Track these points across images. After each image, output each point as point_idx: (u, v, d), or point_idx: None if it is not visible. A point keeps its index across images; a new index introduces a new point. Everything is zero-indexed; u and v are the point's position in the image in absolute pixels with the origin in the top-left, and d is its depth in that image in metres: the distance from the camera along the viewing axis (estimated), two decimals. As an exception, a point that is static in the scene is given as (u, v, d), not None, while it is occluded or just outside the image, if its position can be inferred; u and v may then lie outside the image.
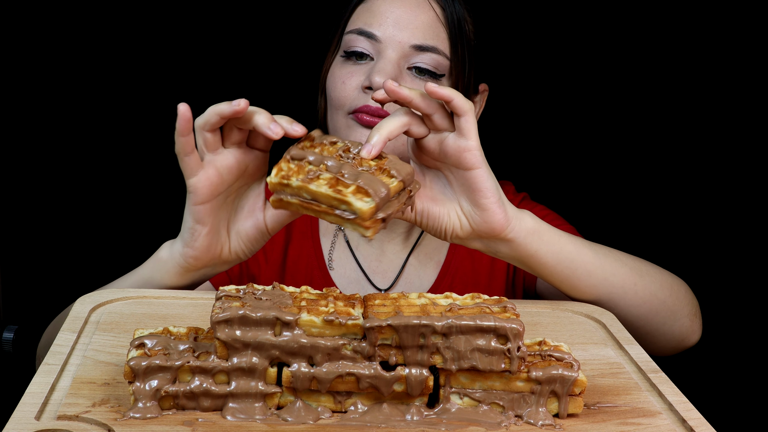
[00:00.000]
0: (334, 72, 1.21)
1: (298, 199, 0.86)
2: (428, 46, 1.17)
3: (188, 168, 0.96)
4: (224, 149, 0.98)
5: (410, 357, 0.76)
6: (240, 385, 0.75)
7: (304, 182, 0.85)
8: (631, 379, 0.87)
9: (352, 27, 1.20)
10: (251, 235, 1.02)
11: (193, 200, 0.97)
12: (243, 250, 1.02)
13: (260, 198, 1.02)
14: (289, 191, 0.87)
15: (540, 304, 1.08)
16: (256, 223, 1.01)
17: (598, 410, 0.81)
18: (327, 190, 0.84)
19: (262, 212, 1.01)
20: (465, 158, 0.95)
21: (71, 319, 0.93)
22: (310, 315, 0.75)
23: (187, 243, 1.00)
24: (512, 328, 0.75)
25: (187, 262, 1.01)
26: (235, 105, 0.92)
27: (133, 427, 0.72)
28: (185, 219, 1.00)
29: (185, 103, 0.94)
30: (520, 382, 0.77)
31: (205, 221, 0.98)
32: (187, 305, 0.99)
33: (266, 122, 0.93)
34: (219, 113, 0.94)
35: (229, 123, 0.96)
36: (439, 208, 0.98)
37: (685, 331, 1.16)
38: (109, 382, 0.79)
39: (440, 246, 1.32)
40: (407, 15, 1.17)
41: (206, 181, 0.97)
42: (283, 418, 0.76)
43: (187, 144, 0.95)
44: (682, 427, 0.79)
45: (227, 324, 0.75)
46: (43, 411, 0.74)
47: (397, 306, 0.77)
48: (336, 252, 1.31)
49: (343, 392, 0.77)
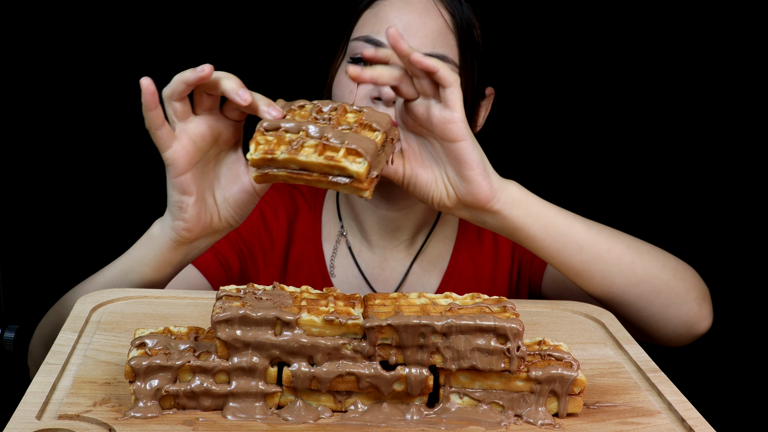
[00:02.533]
0: (341, 80, 1.18)
1: (286, 171, 0.84)
2: (438, 54, 1.14)
3: (162, 141, 0.95)
4: (195, 117, 0.96)
5: (410, 357, 0.76)
6: (240, 385, 0.76)
7: (290, 154, 0.82)
8: (631, 378, 0.87)
9: (359, 34, 1.16)
10: (240, 199, 1.00)
11: (172, 173, 0.96)
12: (233, 216, 1.01)
13: (240, 162, 1.00)
14: (274, 165, 0.84)
15: (540, 303, 1.08)
16: (243, 187, 1.00)
17: (597, 410, 0.81)
18: (318, 159, 0.82)
19: (246, 175, 1.00)
20: (449, 130, 0.94)
21: (72, 318, 0.93)
22: (311, 315, 0.75)
23: (176, 216, 0.98)
24: (512, 328, 0.75)
25: (180, 235, 0.99)
26: (200, 71, 0.91)
27: (134, 426, 0.73)
28: (169, 194, 0.98)
29: (147, 76, 0.93)
30: (520, 381, 0.77)
31: (190, 191, 0.97)
32: (188, 305, 0.99)
33: (235, 88, 0.92)
34: (185, 81, 0.93)
35: (198, 89, 0.95)
36: (427, 174, 0.98)
37: (693, 316, 1.12)
38: (109, 382, 0.80)
39: (443, 253, 1.30)
40: (417, 22, 1.14)
41: (182, 150, 0.95)
42: (284, 418, 0.76)
43: (156, 117, 0.94)
44: (681, 426, 0.79)
45: (228, 324, 0.75)
46: (44, 410, 0.74)
47: (397, 306, 0.78)
48: (338, 258, 1.29)
49: (343, 392, 0.77)
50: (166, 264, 1.03)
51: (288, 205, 1.32)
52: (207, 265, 1.22)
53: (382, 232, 1.27)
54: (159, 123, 0.94)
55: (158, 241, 1.01)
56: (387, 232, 1.27)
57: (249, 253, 1.28)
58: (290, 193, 1.33)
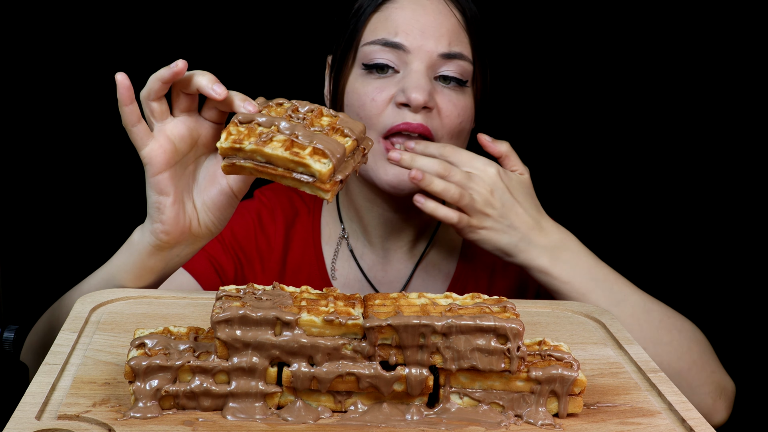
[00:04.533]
0: (357, 88, 1.16)
1: (252, 163, 0.85)
2: (455, 53, 1.15)
3: (138, 139, 0.95)
4: (173, 118, 0.96)
5: (410, 357, 0.76)
6: (240, 385, 0.75)
7: (258, 145, 0.84)
8: (631, 378, 0.87)
9: (372, 38, 1.15)
10: (218, 202, 0.99)
11: (150, 171, 0.96)
12: (213, 221, 1.00)
13: (218, 164, 0.99)
14: (242, 155, 0.85)
15: (540, 304, 1.08)
16: (221, 189, 0.99)
17: (597, 410, 0.81)
18: (283, 153, 0.83)
19: (224, 177, 0.99)
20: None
21: (72, 319, 0.93)
22: (310, 315, 0.75)
23: (154, 219, 0.97)
24: (512, 328, 0.75)
25: (158, 239, 0.98)
26: (173, 67, 0.92)
27: (134, 426, 0.73)
28: (148, 195, 0.97)
29: (122, 72, 0.93)
30: (520, 381, 0.77)
31: (167, 191, 0.96)
32: (188, 305, 0.99)
33: (209, 83, 0.93)
34: (160, 79, 0.93)
35: (176, 89, 0.95)
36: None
37: (704, 408, 1.13)
38: (109, 382, 0.80)
39: (449, 257, 1.29)
40: (433, 22, 1.14)
41: (159, 149, 0.95)
42: (284, 418, 0.76)
43: (132, 113, 0.94)
44: (682, 426, 0.79)
45: (227, 324, 0.75)
46: (44, 411, 0.74)
47: (397, 306, 0.77)
48: (339, 261, 1.28)
49: (343, 392, 0.77)
50: (147, 271, 1.01)
51: (286, 209, 1.30)
52: (201, 271, 1.20)
53: (385, 233, 1.26)
54: (135, 119, 0.94)
55: (137, 247, 1.00)
56: (389, 234, 1.26)
57: (245, 258, 1.26)
58: (289, 196, 1.32)
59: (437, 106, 1.15)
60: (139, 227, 1.02)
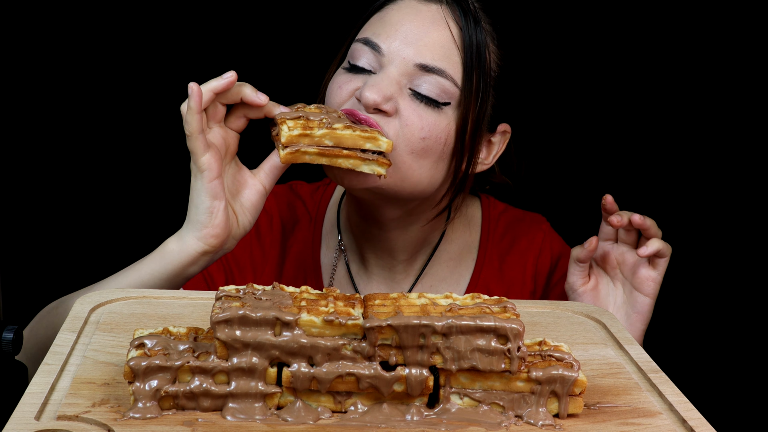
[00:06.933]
0: (334, 78, 1.14)
1: (317, 148, 0.97)
2: (434, 67, 1.07)
3: (202, 146, 1.00)
4: (210, 128, 1.03)
5: (410, 357, 0.76)
6: (240, 385, 0.75)
7: (328, 128, 0.96)
8: (632, 379, 0.87)
9: (361, 35, 1.12)
10: (255, 202, 1.06)
11: (208, 177, 1.00)
12: (249, 220, 1.07)
13: (242, 169, 1.07)
14: (307, 141, 0.96)
15: (540, 304, 1.07)
16: (257, 189, 1.06)
17: (598, 410, 0.81)
18: (353, 132, 0.96)
19: (253, 178, 1.06)
20: (647, 285, 1.15)
21: (71, 319, 0.93)
22: (310, 315, 0.75)
23: (204, 224, 1.02)
24: (512, 328, 0.75)
25: (208, 244, 1.03)
26: (226, 78, 0.99)
27: (133, 427, 0.72)
28: (199, 201, 1.01)
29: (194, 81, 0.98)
30: (520, 382, 0.77)
31: (221, 196, 1.02)
32: (187, 305, 0.99)
33: (252, 92, 1.02)
34: (212, 89, 0.99)
35: (214, 101, 1.01)
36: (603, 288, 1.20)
37: None
38: (108, 382, 0.79)
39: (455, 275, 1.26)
40: (418, 30, 1.08)
41: (216, 155, 1.01)
42: (283, 418, 0.76)
43: (201, 121, 0.99)
44: (683, 427, 0.79)
45: (227, 324, 0.74)
46: (43, 411, 0.74)
47: (397, 306, 0.77)
48: (337, 278, 1.26)
49: (343, 392, 0.77)
50: (182, 278, 1.06)
51: (285, 216, 1.28)
52: (190, 281, 1.18)
53: (377, 251, 1.23)
54: (201, 128, 0.99)
55: (178, 255, 1.04)
56: (381, 252, 1.23)
57: (237, 269, 1.24)
58: (290, 201, 1.30)
59: (400, 114, 1.07)
60: (174, 237, 1.05)
